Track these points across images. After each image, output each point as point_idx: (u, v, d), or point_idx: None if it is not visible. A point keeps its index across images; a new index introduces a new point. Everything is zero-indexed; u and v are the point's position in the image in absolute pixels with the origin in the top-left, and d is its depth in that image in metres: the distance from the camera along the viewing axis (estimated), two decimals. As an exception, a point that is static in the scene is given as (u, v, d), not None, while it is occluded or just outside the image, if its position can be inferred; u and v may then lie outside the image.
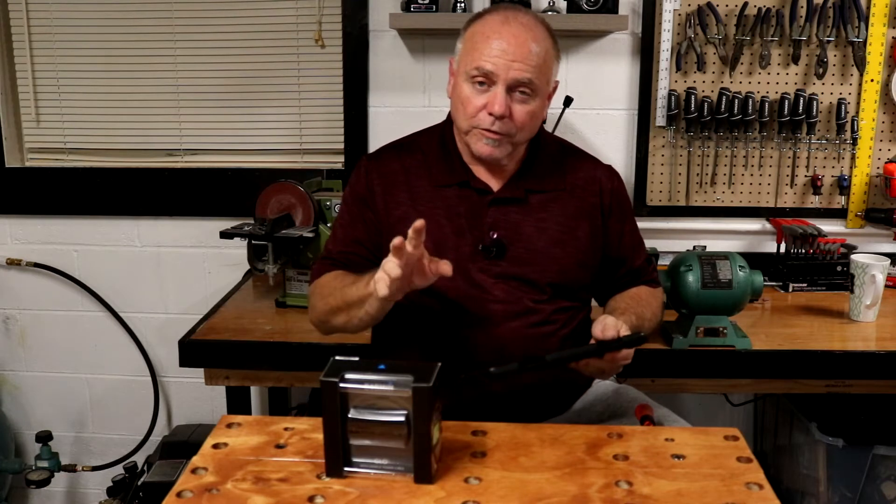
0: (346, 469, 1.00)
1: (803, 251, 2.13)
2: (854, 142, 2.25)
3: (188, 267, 2.45)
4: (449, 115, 1.55)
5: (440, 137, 1.55)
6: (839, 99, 2.22)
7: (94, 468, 2.49)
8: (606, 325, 1.29)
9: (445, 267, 1.24)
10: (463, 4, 2.13)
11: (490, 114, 1.39)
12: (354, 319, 1.38)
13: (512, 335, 1.43)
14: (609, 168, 1.60)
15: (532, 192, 1.50)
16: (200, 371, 1.80)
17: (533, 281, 1.47)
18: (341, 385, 0.98)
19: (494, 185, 1.50)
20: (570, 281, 1.50)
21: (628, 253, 1.59)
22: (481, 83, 1.40)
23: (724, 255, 1.72)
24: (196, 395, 2.52)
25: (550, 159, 1.55)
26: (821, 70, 2.19)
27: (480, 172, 1.50)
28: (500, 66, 1.37)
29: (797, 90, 2.21)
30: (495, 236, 1.46)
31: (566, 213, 1.51)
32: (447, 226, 1.47)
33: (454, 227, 1.47)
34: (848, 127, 2.23)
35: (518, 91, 1.40)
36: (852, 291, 1.90)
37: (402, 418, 0.97)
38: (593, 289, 1.60)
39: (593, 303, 1.61)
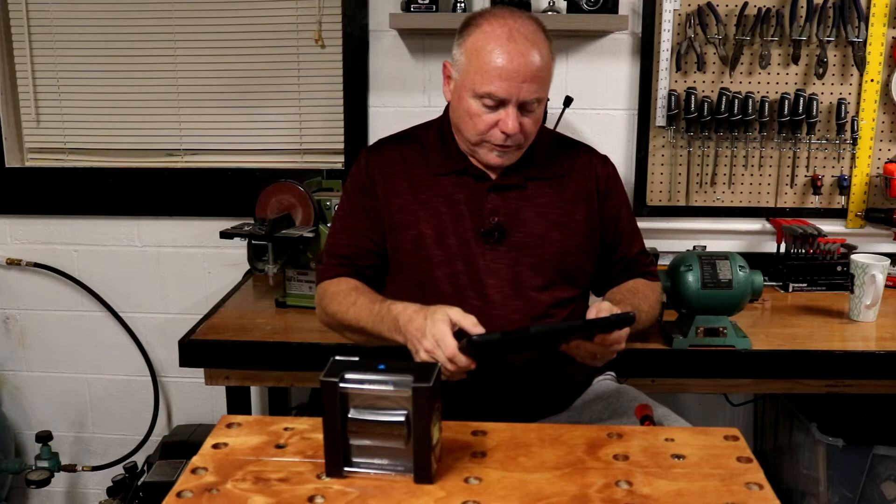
0: (346, 469, 1.00)
1: (803, 251, 2.13)
2: (854, 142, 2.24)
3: (188, 267, 2.45)
4: (446, 110, 1.56)
5: (438, 129, 1.58)
6: (839, 99, 2.22)
7: (94, 468, 2.49)
8: (601, 309, 1.32)
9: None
10: (463, 4, 2.13)
11: (502, 131, 1.42)
12: (371, 341, 1.46)
13: (511, 328, 1.43)
14: (604, 156, 1.63)
15: (530, 179, 1.53)
16: (200, 371, 1.80)
17: (534, 264, 1.49)
18: (341, 385, 0.98)
19: (493, 173, 1.52)
20: (570, 264, 1.53)
21: (623, 238, 1.61)
22: (491, 105, 1.41)
23: (724, 255, 1.72)
24: (196, 395, 2.52)
25: (546, 147, 1.57)
26: (821, 70, 2.19)
27: (478, 162, 1.52)
28: (512, 90, 1.39)
29: (797, 90, 2.21)
30: (496, 221, 1.49)
31: (564, 198, 1.54)
32: (447, 213, 1.50)
33: (454, 214, 1.50)
34: (848, 127, 2.23)
35: (527, 106, 1.42)
36: (852, 291, 1.90)
37: (402, 418, 0.97)
38: (592, 277, 1.61)
39: (592, 300, 1.61)
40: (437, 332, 1.24)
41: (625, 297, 1.53)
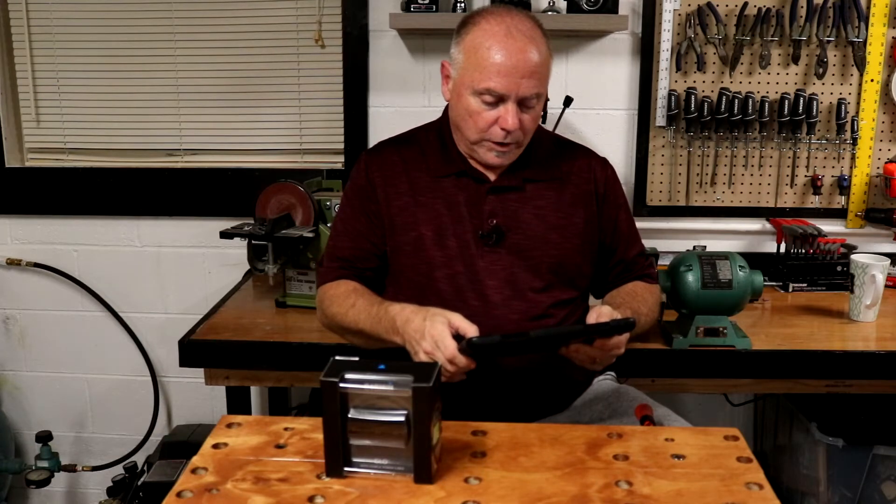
0: (346, 469, 1.00)
1: (803, 251, 2.13)
2: (854, 142, 2.24)
3: (188, 267, 2.45)
4: (445, 112, 1.56)
5: (437, 132, 1.58)
6: (839, 99, 2.21)
7: (94, 468, 2.49)
8: (601, 313, 1.32)
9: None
10: (462, 4, 2.13)
11: (502, 128, 1.42)
12: (370, 343, 1.45)
13: (511, 329, 1.43)
14: (603, 159, 1.63)
15: (529, 181, 1.53)
16: (200, 371, 1.80)
17: (532, 266, 1.49)
18: (341, 385, 0.98)
19: (491, 175, 1.53)
20: (569, 266, 1.53)
21: (622, 241, 1.61)
22: (491, 102, 1.41)
23: (724, 255, 1.72)
24: (196, 395, 2.52)
25: (545, 150, 1.58)
26: (821, 70, 2.19)
27: (477, 163, 1.52)
28: (511, 86, 1.39)
29: (797, 90, 2.21)
30: (494, 223, 1.49)
31: (563, 201, 1.54)
32: (447, 215, 1.50)
33: (454, 216, 1.50)
34: (848, 127, 2.23)
35: (526, 102, 1.42)
36: (852, 291, 1.90)
37: (402, 418, 0.97)
38: (591, 279, 1.61)
39: (591, 301, 1.61)
40: (435, 333, 1.24)
41: (624, 301, 1.53)
